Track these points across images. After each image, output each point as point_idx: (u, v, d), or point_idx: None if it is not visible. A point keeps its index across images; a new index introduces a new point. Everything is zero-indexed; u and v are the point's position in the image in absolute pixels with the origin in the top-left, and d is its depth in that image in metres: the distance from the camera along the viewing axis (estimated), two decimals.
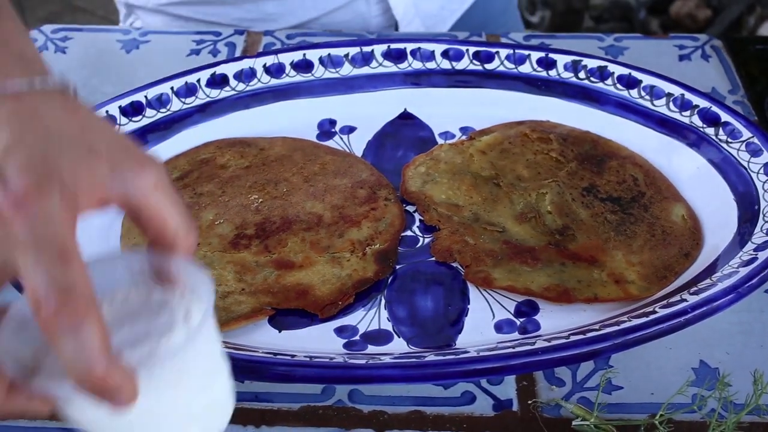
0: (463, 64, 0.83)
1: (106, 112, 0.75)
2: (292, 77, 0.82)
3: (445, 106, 0.82)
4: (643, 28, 2.57)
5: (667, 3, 2.61)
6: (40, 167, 0.40)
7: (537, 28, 2.52)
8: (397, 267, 0.69)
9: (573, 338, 0.59)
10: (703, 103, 0.77)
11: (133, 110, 0.76)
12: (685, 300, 0.61)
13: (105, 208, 0.43)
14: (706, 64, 0.91)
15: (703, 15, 2.56)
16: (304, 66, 0.83)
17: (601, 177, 0.75)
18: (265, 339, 0.63)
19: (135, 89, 0.79)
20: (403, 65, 0.83)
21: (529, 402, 0.61)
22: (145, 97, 0.78)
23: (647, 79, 0.79)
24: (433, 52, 0.83)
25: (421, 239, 0.72)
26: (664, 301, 0.62)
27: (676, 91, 0.78)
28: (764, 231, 0.66)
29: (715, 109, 0.76)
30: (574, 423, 0.59)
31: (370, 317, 0.65)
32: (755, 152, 0.72)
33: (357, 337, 0.64)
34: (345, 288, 0.66)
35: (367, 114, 0.81)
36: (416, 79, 0.83)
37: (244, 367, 0.57)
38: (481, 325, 0.65)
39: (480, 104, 0.82)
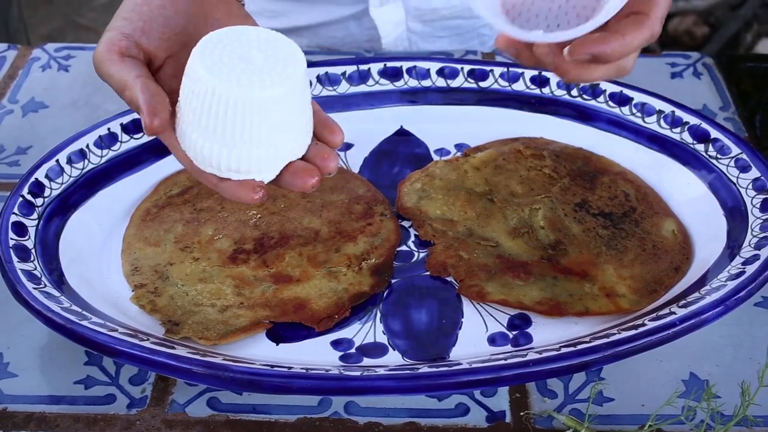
0: (458, 82, 0.84)
1: (108, 129, 0.76)
2: None
3: (440, 124, 0.84)
4: None
5: (665, 20, 2.63)
6: None
7: None
8: (393, 281, 0.70)
9: (564, 350, 0.60)
10: (693, 120, 0.78)
11: (134, 127, 0.78)
12: (674, 313, 0.62)
13: None
14: (697, 81, 0.93)
15: (701, 32, 2.58)
16: None
17: (593, 193, 0.76)
18: (262, 352, 0.64)
19: None
20: (399, 83, 0.84)
21: (522, 413, 0.62)
22: None
23: (638, 97, 0.81)
24: (428, 70, 0.85)
25: (416, 254, 0.73)
26: (654, 314, 0.63)
27: (667, 108, 0.80)
28: (752, 245, 0.68)
29: (704, 125, 0.77)
30: None
31: (366, 330, 0.66)
32: (744, 168, 0.74)
33: (353, 350, 0.65)
34: (341, 302, 0.68)
35: (363, 131, 0.83)
36: (412, 97, 0.84)
37: (242, 380, 0.58)
38: (475, 338, 0.66)
39: (474, 121, 0.83)
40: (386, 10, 0.99)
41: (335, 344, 0.65)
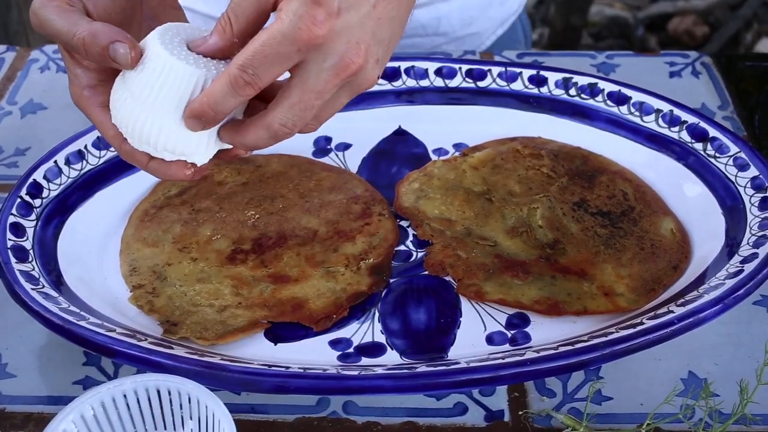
0: (456, 81, 0.84)
1: None
2: None
3: (438, 123, 0.84)
4: (641, 45, 2.59)
5: (665, 20, 2.64)
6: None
7: (536, 45, 2.54)
8: (391, 281, 0.70)
9: (562, 349, 0.60)
10: (691, 119, 0.78)
11: None
12: (672, 312, 0.62)
13: None
14: (696, 80, 0.93)
15: (701, 32, 2.58)
16: None
17: (592, 192, 0.76)
18: (260, 352, 0.64)
19: None
20: (397, 83, 0.84)
21: (521, 413, 0.62)
22: None
23: (636, 96, 0.81)
24: (426, 70, 0.85)
25: (414, 253, 0.73)
26: (652, 313, 0.63)
27: (665, 107, 0.80)
28: (751, 244, 0.67)
29: (703, 124, 0.77)
30: None
31: (364, 330, 0.67)
32: (742, 167, 0.74)
33: (351, 350, 0.65)
34: (339, 301, 0.68)
35: (362, 131, 0.83)
36: (410, 97, 0.85)
37: (239, 379, 0.59)
38: (473, 337, 0.66)
39: (473, 121, 0.83)
40: None
41: (333, 344, 0.65)
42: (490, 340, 0.66)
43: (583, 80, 0.83)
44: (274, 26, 0.53)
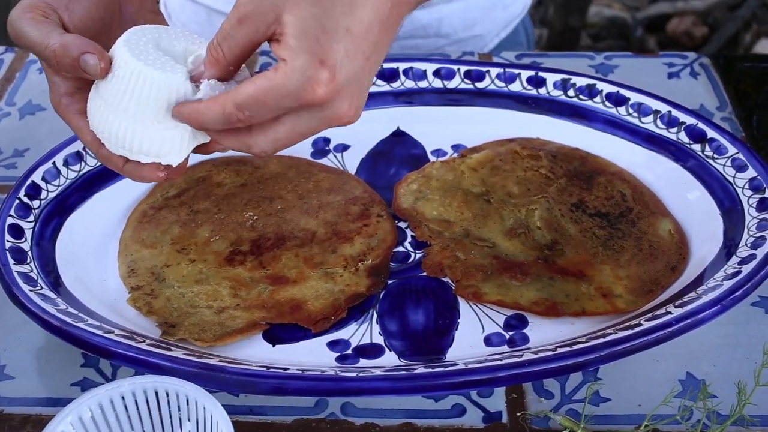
0: (455, 82, 0.84)
1: None
2: None
3: (437, 124, 0.84)
4: (640, 45, 2.59)
5: (664, 21, 2.64)
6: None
7: (535, 46, 2.54)
8: (389, 282, 0.70)
9: (560, 350, 0.60)
10: (689, 120, 0.78)
11: None
12: (670, 313, 0.62)
13: None
14: (694, 81, 0.93)
15: (700, 32, 2.58)
16: None
17: (590, 193, 0.76)
18: (259, 353, 0.64)
19: None
20: (396, 84, 0.84)
21: (519, 414, 0.62)
22: None
23: (635, 97, 0.81)
24: (425, 71, 0.85)
25: (412, 255, 0.73)
26: (650, 314, 0.63)
27: (663, 108, 0.80)
28: (749, 245, 0.68)
29: (701, 125, 0.77)
30: None
31: (363, 331, 0.67)
32: (740, 168, 0.74)
33: (349, 351, 0.65)
34: (338, 303, 0.68)
35: (360, 132, 0.82)
36: (409, 98, 0.85)
37: (238, 381, 0.59)
38: (471, 339, 0.66)
39: (471, 122, 0.83)
40: None
41: (332, 345, 0.65)
42: (488, 341, 0.66)
43: (581, 81, 0.83)
44: (278, 78, 0.53)
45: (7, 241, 0.67)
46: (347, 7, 0.54)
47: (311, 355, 0.65)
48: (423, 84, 0.85)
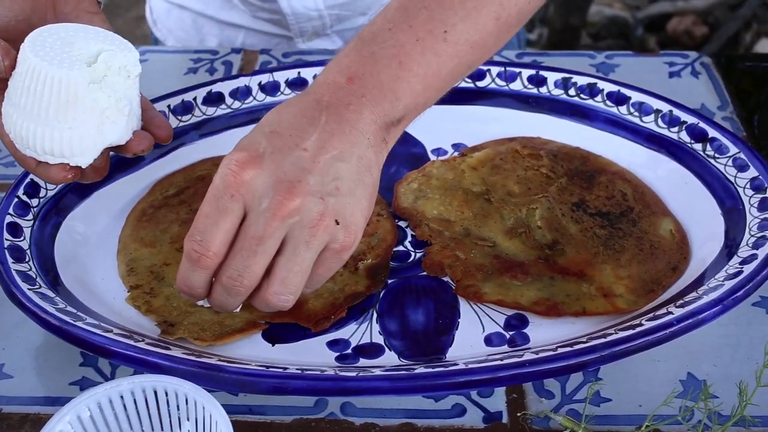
0: None
1: None
2: (287, 95, 0.84)
3: (437, 123, 0.83)
4: (641, 45, 2.59)
5: (664, 20, 2.64)
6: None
7: (535, 45, 2.54)
8: (389, 281, 0.70)
9: (561, 350, 0.60)
10: (690, 119, 0.78)
11: None
12: (671, 313, 0.62)
13: None
14: (695, 80, 0.93)
15: (700, 32, 2.58)
16: (299, 84, 0.84)
17: (591, 192, 0.76)
18: (258, 353, 0.64)
19: None
20: None
21: (519, 414, 0.62)
22: None
23: (636, 96, 0.81)
24: None
25: (412, 254, 0.73)
26: (651, 314, 0.63)
27: (664, 107, 0.79)
28: (750, 245, 0.67)
29: (702, 125, 0.77)
30: None
31: (362, 331, 0.66)
32: (742, 167, 0.73)
33: (349, 351, 0.65)
34: (338, 302, 0.67)
35: None
36: None
37: (237, 380, 0.58)
38: (472, 339, 0.66)
39: (472, 121, 0.83)
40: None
41: (331, 345, 0.65)
42: (489, 341, 0.65)
43: (582, 80, 0.83)
44: (209, 188, 0.55)
45: (6, 239, 0.67)
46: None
47: (311, 354, 0.64)
48: None
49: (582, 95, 0.82)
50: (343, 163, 0.57)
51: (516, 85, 0.84)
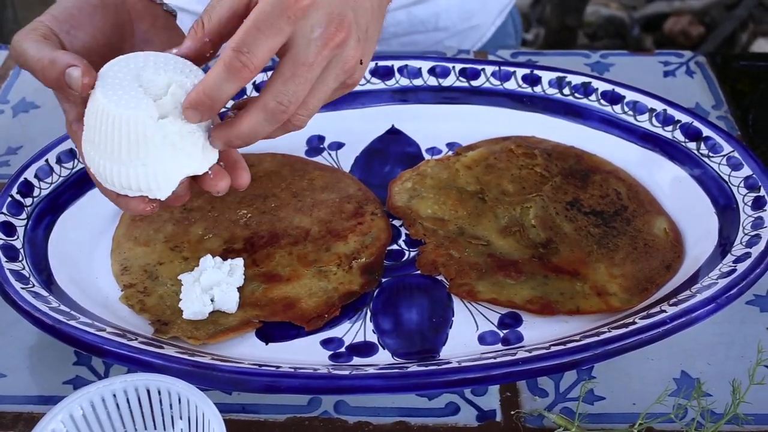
0: (450, 80, 0.84)
1: None
2: None
3: (431, 122, 0.84)
4: (637, 45, 2.59)
5: (660, 20, 2.64)
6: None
7: (531, 45, 2.54)
8: (383, 280, 0.70)
9: (554, 349, 0.60)
10: (685, 118, 0.78)
11: None
12: (665, 311, 0.62)
13: None
14: (690, 80, 0.93)
15: (696, 32, 2.58)
16: None
17: (585, 191, 0.76)
18: (252, 351, 0.64)
19: None
20: (391, 82, 0.84)
21: (513, 412, 0.62)
22: None
23: (630, 95, 0.81)
24: (420, 69, 0.84)
25: (406, 253, 0.73)
26: (645, 313, 0.63)
27: (659, 106, 0.79)
28: (744, 243, 0.67)
29: (696, 124, 0.77)
30: None
31: (356, 329, 0.66)
32: (736, 166, 0.73)
33: (343, 349, 0.65)
34: (331, 301, 0.67)
35: (355, 130, 0.83)
36: (403, 96, 0.84)
37: (230, 379, 0.58)
38: (465, 337, 0.66)
39: (466, 120, 0.83)
40: None
41: (325, 343, 0.65)
42: (483, 339, 0.65)
43: (576, 79, 0.83)
44: (260, 4, 0.54)
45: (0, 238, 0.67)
46: None
47: (304, 353, 0.64)
48: (418, 82, 0.84)
49: (576, 94, 0.82)
50: (370, 12, 0.59)
51: (510, 85, 0.84)
